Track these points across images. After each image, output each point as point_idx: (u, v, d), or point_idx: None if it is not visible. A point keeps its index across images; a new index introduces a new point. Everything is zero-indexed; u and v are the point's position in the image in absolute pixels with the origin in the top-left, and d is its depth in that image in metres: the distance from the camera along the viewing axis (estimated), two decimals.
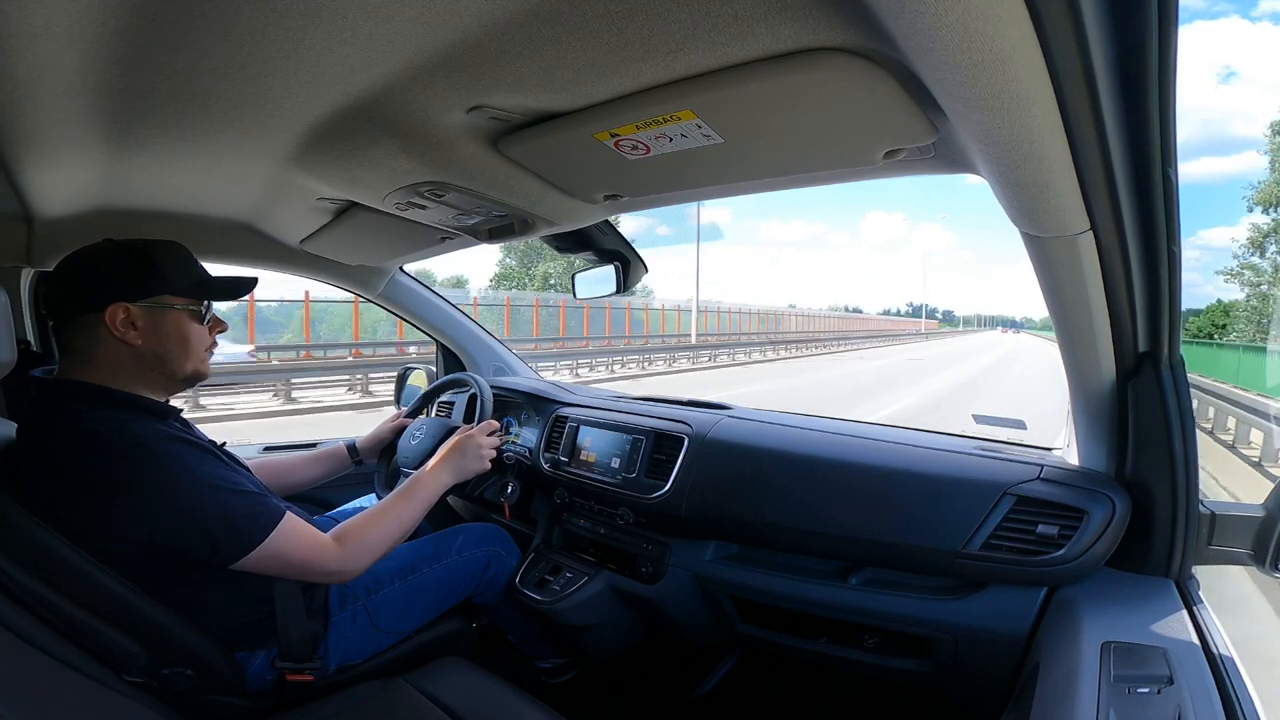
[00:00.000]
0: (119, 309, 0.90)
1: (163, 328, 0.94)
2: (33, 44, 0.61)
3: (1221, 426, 6.99)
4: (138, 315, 0.91)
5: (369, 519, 1.05)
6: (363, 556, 1.01)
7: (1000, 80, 0.47)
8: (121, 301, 0.90)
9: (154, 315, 0.93)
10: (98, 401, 0.89)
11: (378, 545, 1.03)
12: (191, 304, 0.98)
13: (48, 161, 0.97)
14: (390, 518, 1.06)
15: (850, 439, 1.19)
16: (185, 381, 0.99)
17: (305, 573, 0.97)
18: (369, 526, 1.03)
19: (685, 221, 49.79)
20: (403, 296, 1.83)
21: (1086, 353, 0.82)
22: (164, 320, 0.94)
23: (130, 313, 0.91)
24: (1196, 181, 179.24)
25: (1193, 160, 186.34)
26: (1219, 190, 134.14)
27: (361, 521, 1.04)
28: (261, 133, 0.90)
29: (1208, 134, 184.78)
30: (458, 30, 0.61)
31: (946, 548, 0.96)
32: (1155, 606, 0.82)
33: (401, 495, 1.11)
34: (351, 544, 1.00)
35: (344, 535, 1.00)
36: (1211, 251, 79.17)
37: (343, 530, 1.01)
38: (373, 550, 1.02)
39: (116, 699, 0.81)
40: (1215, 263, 25.39)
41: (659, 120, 0.71)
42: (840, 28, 0.55)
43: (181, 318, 0.96)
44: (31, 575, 0.80)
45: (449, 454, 1.20)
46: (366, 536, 1.02)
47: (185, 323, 0.97)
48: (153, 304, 0.93)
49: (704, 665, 1.47)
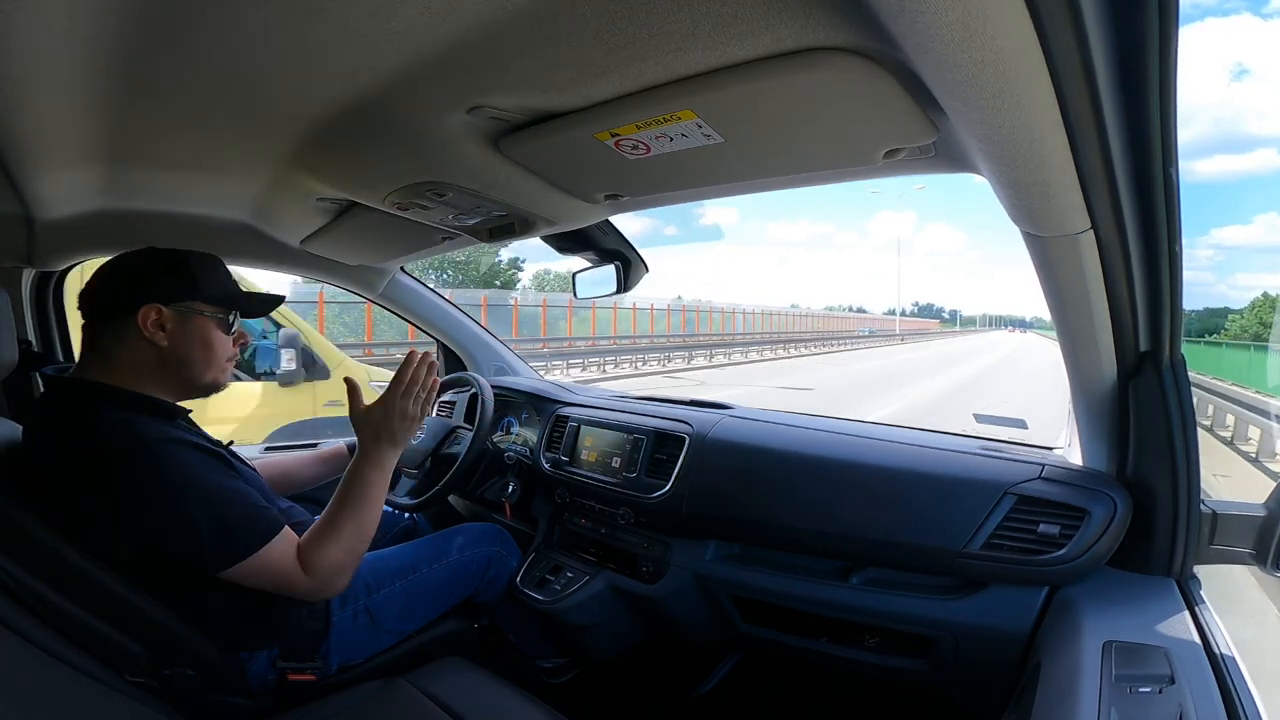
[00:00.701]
0: (151, 310, 0.92)
1: (190, 332, 0.96)
2: (32, 44, 0.61)
3: (1220, 423, 7.04)
4: (168, 318, 0.94)
5: (322, 538, 0.96)
6: (335, 577, 0.96)
7: (1000, 79, 0.47)
8: (154, 303, 0.93)
9: (183, 320, 0.95)
10: (111, 402, 0.90)
11: (345, 562, 0.97)
12: (220, 313, 0.99)
13: (48, 161, 0.97)
14: (344, 529, 0.97)
15: (851, 438, 1.19)
16: (203, 389, 1.00)
17: (283, 592, 0.94)
18: (325, 545, 0.95)
19: (693, 222, 49.81)
20: (403, 296, 1.83)
21: (1087, 352, 0.82)
22: (192, 325, 0.96)
23: (161, 315, 0.93)
24: (1209, 180, 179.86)
25: (1205, 158, 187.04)
26: (1232, 189, 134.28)
27: (316, 542, 0.95)
28: (262, 133, 0.90)
29: (1220, 132, 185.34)
30: (458, 30, 0.61)
31: (948, 547, 0.96)
32: (1156, 606, 0.81)
33: (343, 502, 1.00)
34: (317, 571, 0.93)
35: (307, 565, 0.93)
36: (1225, 250, 79.17)
37: (306, 556, 0.94)
38: (342, 567, 0.96)
39: (118, 699, 0.81)
40: (1229, 262, 25.28)
41: (659, 120, 0.71)
42: (840, 27, 0.55)
43: (209, 325, 0.98)
44: (34, 576, 0.80)
45: (370, 432, 1.04)
46: (328, 558, 0.95)
47: (212, 330, 0.98)
48: (183, 308, 0.95)
49: (705, 665, 1.47)
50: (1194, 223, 13.52)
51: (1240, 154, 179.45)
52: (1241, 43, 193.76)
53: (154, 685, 0.89)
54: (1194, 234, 19.10)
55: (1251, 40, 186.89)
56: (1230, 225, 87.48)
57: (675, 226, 53.16)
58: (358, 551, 0.99)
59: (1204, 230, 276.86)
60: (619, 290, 1.42)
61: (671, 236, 52.15)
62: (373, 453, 1.03)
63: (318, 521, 0.99)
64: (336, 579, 0.96)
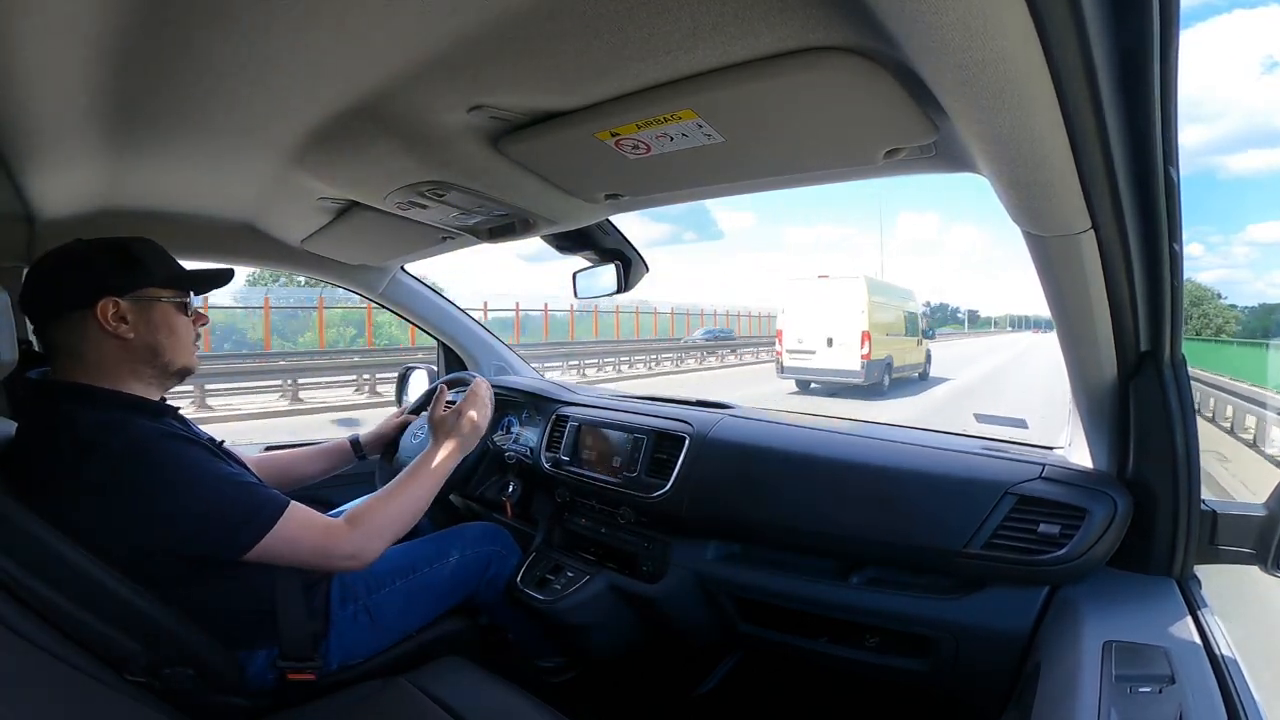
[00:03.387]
0: (109, 303, 0.90)
1: (152, 320, 0.94)
2: (34, 44, 0.61)
3: (1221, 415, 7.12)
4: (126, 309, 0.92)
5: (381, 500, 1.05)
6: (377, 539, 1.00)
7: (1001, 79, 0.47)
8: (110, 295, 0.90)
9: (142, 308, 0.93)
10: (94, 403, 0.89)
11: (391, 526, 1.03)
12: (176, 296, 0.98)
13: (49, 161, 0.97)
14: (403, 497, 1.06)
15: (852, 438, 1.19)
16: (177, 375, 1.00)
17: (319, 558, 0.96)
18: (381, 507, 1.03)
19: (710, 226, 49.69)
20: (404, 296, 1.84)
21: (1088, 352, 0.82)
22: (152, 312, 0.95)
23: (120, 306, 0.91)
24: (1241, 175, 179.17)
25: (1238, 153, 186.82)
26: (1265, 184, 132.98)
27: (373, 503, 1.04)
28: (263, 132, 0.90)
29: (1252, 126, 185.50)
30: (459, 29, 0.61)
31: (948, 547, 0.96)
32: (1157, 606, 0.81)
33: (411, 476, 1.09)
34: (365, 525, 0.99)
35: (356, 516, 1.00)
36: (1260, 248, 78.37)
37: (355, 512, 1.01)
38: (386, 531, 1.02)
39: (117, 698, 0.81)
40: (1264, 260, 24.82)
41: (660, 120, 0.71)
42: (840, 27, 0.55)
43: (168, 309, 0.97)
44: (32, 575, 0.80)
45: (445, 432, 1.16)
46: (379, 517, 1.02)
47: (172, 314, 0.97)
48: (139, 296, 0.93)
49: (705, 664, 1.47)
50: (1229, 219, 13.26)
51: (1273, 148, 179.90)
52: (1272, 35, 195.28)
53: (153, 684, 0.88)
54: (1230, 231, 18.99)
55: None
56: (1268, 221, 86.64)
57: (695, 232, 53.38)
58: (403, 521, 1.05)
59: (1240, 227, 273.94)
60: (619, 290, 1.42)
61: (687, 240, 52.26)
62: (441, 449, 1.14)
63: (375, 493, 1.08)
64: (377, 538, 1.01)
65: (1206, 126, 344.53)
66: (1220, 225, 33.12)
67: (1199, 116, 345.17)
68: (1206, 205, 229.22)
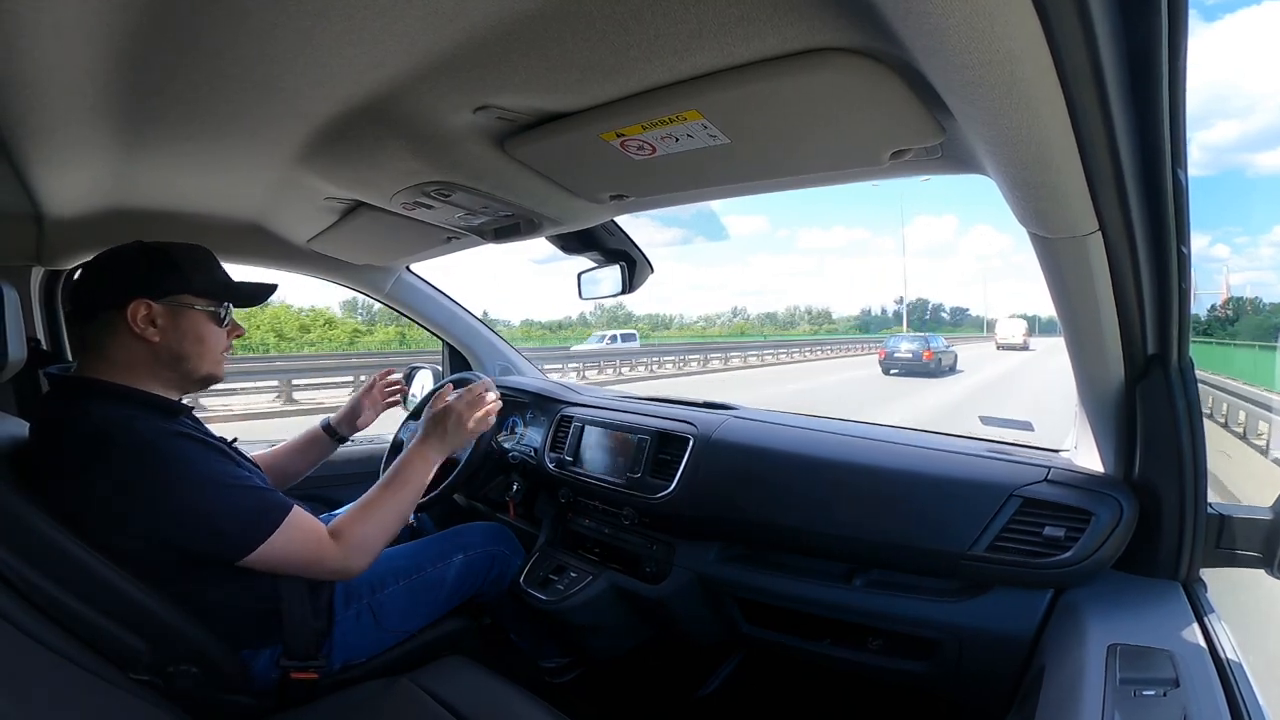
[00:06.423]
0: (140, 305, 0.92)
1: (181, 327, 0.96)
2: (42, 43, 0.62)
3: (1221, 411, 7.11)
4: (158, 313, 0.93)
5: (363, 510, 1.03)
6: (362, 553, 1.00)
7: (1008, 80, 0.47)
8: (143, 298, 0.92)
9: (174, 314, 0.95)
10: (110, 398, 0.90)
11: (375, 539, 1.02)
12: (211, 305, 0.99)
13: (57, 160, 0.97)
14: (384, 507, 1.04)
15: (856, 440, 1.18)
16: (200, 382, 1.01)
17: (309, 570, 0.97)
18: (363, 518, 1.02)
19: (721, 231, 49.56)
20: (409, 296, 1.84)
21: (1095, 355, 0.81)
22: (183, 320, 0.96)
23: (151, 310, 0.92)
24: (1273, 173, 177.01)
25: (1268, 150, 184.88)
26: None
27: (355, 514, 1.02)
28: (269, 132, 0.90)
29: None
30: (465, 30, 0.61)
31: (953, 549, 0.96)
32: (1162, 609, 0.81)
33: (388, 484, 1.06)
34: (348, 540, 0.98)
35: (339, 531, 0.99)
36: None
37: (337, 526, 1.00)
38: (371, 545, 1.01)
39: (122, 696, 0.82)
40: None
41: (665, 120, 0.72)
42: (846, 28, 0.55)
43: (200, 318, 0.98)
44: (39, 572, 0.80)
45: (430, 429, 1.13)
46: (361, 529, 1.00)
47: (204, 324, 0.98)
48: (173, 303, 0.95)
49: (707, 666, 1.47)
50: (1255, 219, 13.12)
51: None
52: None
53: (158, 683, 0.89)
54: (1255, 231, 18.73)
55: None
56: None
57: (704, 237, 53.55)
58: (388, 530, 1.04)
59: (1265, 228, 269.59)
60: (624, 290, 1.41)
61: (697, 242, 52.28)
62: (424, 445, 1.11)
63: (356, 502, 1.05)
64: (362, 553, 1.00)
65: (1238, 121, 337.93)
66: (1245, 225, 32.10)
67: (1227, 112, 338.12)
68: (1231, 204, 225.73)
